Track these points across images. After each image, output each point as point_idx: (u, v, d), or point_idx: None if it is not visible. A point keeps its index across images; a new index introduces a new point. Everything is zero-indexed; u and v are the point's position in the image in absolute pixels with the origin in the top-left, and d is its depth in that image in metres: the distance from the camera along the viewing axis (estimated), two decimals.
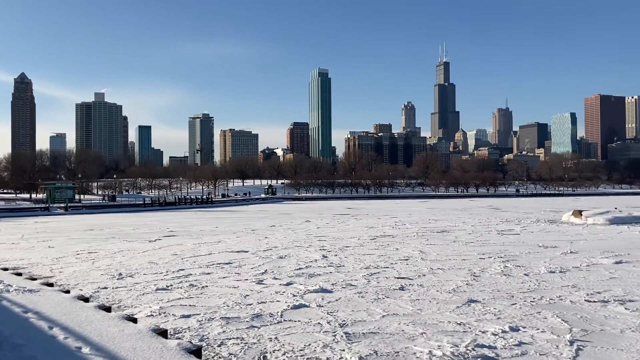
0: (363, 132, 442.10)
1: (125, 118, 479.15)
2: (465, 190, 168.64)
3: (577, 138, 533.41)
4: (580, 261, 17.81)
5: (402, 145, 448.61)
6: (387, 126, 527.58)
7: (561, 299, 11.82)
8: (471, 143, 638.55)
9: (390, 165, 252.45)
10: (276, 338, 9.00)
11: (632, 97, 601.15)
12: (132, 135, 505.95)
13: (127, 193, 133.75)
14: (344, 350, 8.31)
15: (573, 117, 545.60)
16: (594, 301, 11.58)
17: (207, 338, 9.05)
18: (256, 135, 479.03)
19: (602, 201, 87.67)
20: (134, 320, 8.56)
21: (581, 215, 37.14)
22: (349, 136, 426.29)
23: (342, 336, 9.05)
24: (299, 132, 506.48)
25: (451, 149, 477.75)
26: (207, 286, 13.79)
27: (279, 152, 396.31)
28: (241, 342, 8.78)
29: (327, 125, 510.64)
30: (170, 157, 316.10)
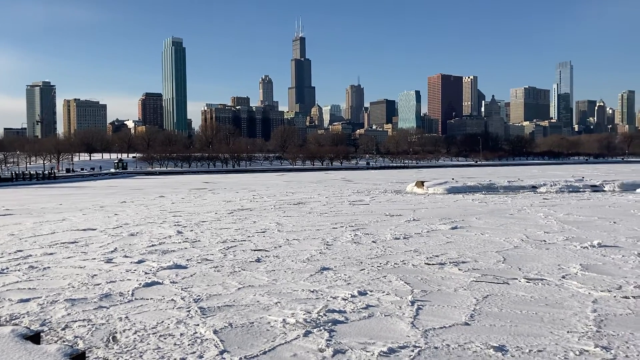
0: (220, 104, 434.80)
1: None
2: (321, 163, 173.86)
3: (421, 114, 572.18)
4: (421, 228, 19.31)
5: (260, 119, 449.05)
6: (245, 99, 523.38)
7: (404, 263, 12.75)
8: (326, 118, 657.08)
9: (248, 138, 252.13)
10: (127, 317, 8.66)
11: (469, 77, 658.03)
12: None
13: None
14: (198, 325, 8.23)
15: (418, 94, 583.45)
16: (433, 264, 12.65)
17: (50, 322, 8.44)
18: (104, 106, 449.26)
19: (442, 173, 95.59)
20: None
21: (423, 185, 40.15)
22: (205, 108, 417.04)
23: (196, 311, 8.95)
24: (151, 104, 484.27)
25: (308, 124, 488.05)
26: (49, 267, 12.81)
27: (130, 124, 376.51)
28: (88, 324, 8.32)
29: (182, 97, 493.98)
30: (5, 129, 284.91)
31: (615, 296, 9.49)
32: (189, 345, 7.39)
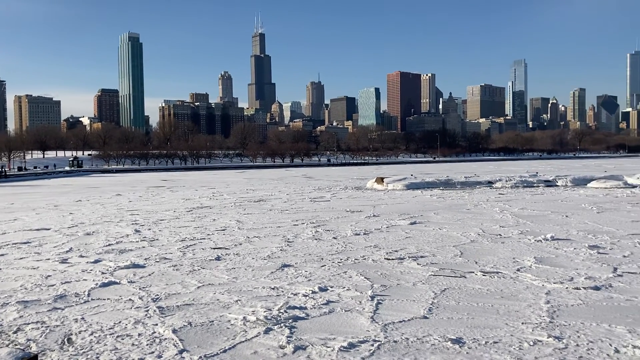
0: (179, 101, 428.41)
1: None
2: (281, 161, 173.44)
3: (381, 111, 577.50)
4: (381, 223, 19.51)
5: (219, 115, 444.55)
6: (204, 95, 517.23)
7: (364, 259, 12.86)
8: (287, 115, 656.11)
9: (207, 135, 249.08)
10: (83, 318, 8.46)
11: (427, 75, 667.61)
12: None
13: None
14: (157, 324, 8.11)
15: (377, 92, 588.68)
16: (392, 259, 12.81)
17: (0, 325, 8.17)
18: (58, 102, 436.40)
19: (401, 169, 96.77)
20: None
21: (383, 182, 40.55)
22: (163, 105, 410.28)
23: (155, 311, 8.82)
24: (108, 100, 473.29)
25: (268, 120, 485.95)
26: (0, 269, 12.38)
27: (86, 121, 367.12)
28: (42, 326, 8.09)
29: (139, 93, 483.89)
30: None
31: (567, 288, 9.81)
32: (147, 345, 7.27)
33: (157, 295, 9.86)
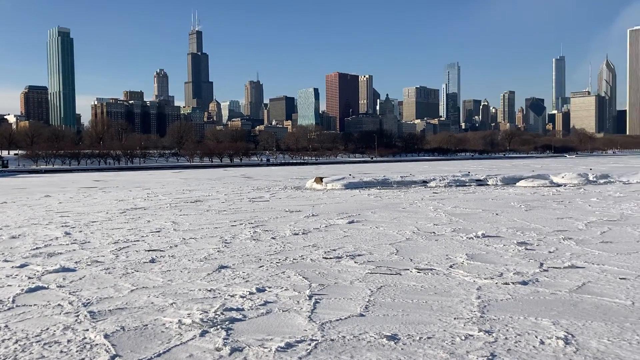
0: (112, 99, 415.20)
1: None
2: (219, 160, 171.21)
3: (320, 112, 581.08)
4: (320, 223, 19.62)
5: (155, 114, 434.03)
6: (138, 94, 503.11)
7: (303, 258, 12.90)
8: (225, 114, 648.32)
9: (142, 134, 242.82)
10: (6, 326, 8.04)
11: (364, 76, 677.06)
12: None
13: None
14: (87, 330, 7.82)
15: (316, 92, 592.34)
16: (330, 258, 12.91)
17: None
18: None
19: (340, 169, 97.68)
20: None
21: (322, 181, 40.81)
22: (96, 103, 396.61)
23: (85, 316, 8.50)
24: (36, 97, 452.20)
25: (205, 119, 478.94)
26: None
27: (11, 119, 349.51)
28: None
29: (70, 91, 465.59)
30: None
31: (496, 283, 10.20)
32: (77, 351, 7.00)
33: (89, 299, 9.51)
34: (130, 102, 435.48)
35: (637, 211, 21.58)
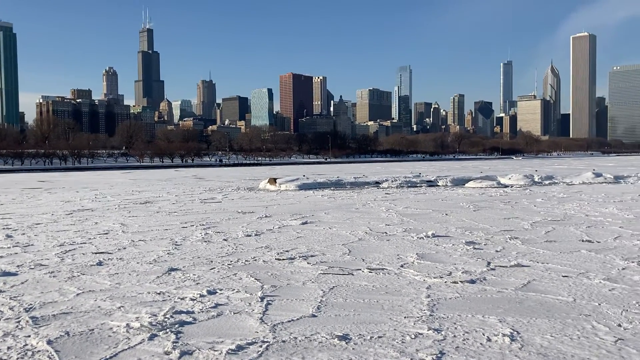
0: (58, 97, 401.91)
1: None
2: (170, 161, 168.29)
3: (274, 112, 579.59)
4: (273, 224, 19.54)
5: (103, 113, 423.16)
6: (86, 92, 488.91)
7: (255, 260, 12.81)
8: (176, 113, 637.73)
9: (90, 134, 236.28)
10: None
11: (319, 77, 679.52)
12: None
13: None
14: (29, 336, 7.53)
15: (270, 92, 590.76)
16: (283, 259, 12.87)
17: None
18: None
19: (294, 170, 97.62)
20: None
21: (275, 182, 40.67)
22: (41, 101, 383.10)
23: (27, 321, 8.18)
24: None
25: (156, 119, 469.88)
26: None
27: None
28: None
29: (13, 88, 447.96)
30: None
31: (446, 282, 10.40)
32: (18, 359, 6.73)
33: (31, 304, 9.16)
34: (77, 100, 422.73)
35: (579, 211, 22.46)
